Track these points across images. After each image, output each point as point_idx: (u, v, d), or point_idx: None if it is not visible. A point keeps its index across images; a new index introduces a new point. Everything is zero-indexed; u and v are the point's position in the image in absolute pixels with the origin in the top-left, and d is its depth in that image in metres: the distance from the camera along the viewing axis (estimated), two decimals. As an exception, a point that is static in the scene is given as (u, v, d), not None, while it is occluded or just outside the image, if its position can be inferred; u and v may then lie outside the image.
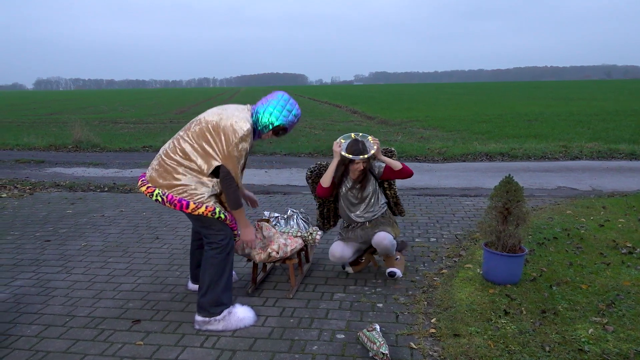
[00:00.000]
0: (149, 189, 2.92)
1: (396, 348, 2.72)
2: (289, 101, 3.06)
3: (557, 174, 8.02)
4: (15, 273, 3.93)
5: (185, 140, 2.93)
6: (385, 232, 3.56)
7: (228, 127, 2.86)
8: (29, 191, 7.08)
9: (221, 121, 2.88)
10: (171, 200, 2.88)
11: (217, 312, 2.95)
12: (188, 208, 2.85)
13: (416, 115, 19.82)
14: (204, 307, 2.95)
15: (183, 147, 2.91)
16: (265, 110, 3.00)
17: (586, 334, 2.79)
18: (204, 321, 2.95)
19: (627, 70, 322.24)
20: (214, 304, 2.95)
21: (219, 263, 2.96)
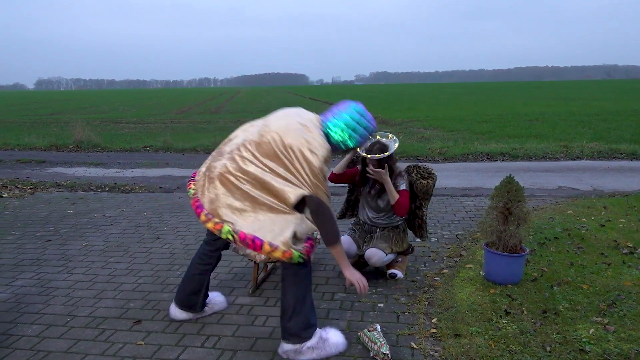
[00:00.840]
0: (217, 225, 2.47)
1: (397, 348, 2.72)
2: (364, 115, 2.69)
3: (557, 174, 8.01)
4: (16, 273, 3.93)
5: (250, 161, 2.51)
6: (376, 249, 3.50)
7: (305, 146, 2.46)
8: (29, 191, 7.09)
9: (294, 139, 2.47)
10: (243, 239, 2.44)
11: (309, 335, 2.60)
12: (262, 249, 2.44)
13: (417, 115, 19.82)
14: (293, 332, 2.59)
15: (248, 169, 2.48)
16: (336, 125, 2.63)
17: (587, 334, 2.79)
18: (295, 350, 2.59)
19: (628, 70, 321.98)
20: (304, 326, 2.60)
21: (302, 279, 2.61)
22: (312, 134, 2.53)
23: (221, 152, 2.67)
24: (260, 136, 2.54)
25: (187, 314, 3.04)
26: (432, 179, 3.58)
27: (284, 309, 2.63)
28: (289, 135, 2.50)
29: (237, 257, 4.20)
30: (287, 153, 2.47)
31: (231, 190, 2.50)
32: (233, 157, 2.56)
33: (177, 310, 3.04)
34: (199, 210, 2.53)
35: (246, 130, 2.70)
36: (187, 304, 3.01)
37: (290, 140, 2.48)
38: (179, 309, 3.03)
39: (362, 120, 2.68)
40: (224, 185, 2.51)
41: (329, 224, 2.49)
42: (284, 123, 2.56)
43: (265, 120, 2.66)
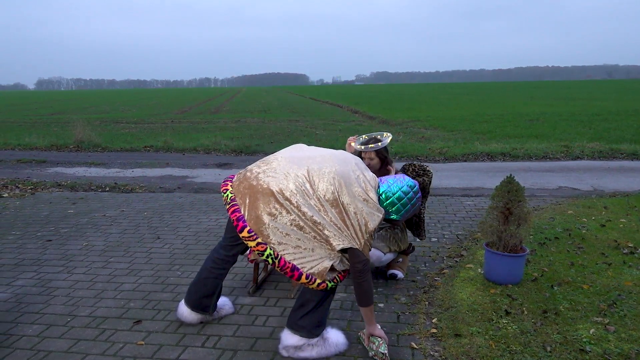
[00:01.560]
0: (260, 247, 2.44)
1: (397, 348, 2.72)
2: (417, 195, 2.74)
3: (558, 174, 8.01)
4: (17, 273, 3.93)
5: (309, 196, 2.49)
6: (373, 250, 3.49)
7: (365, 206, 2.49)
8: (30, 191, 7.09)
9: (356, 196, 2.50)
10: (283, 266, 2.45)
11: (317, 333, 2.64)
12: (299, 280, 2.46)
13: (417, 115, 19.82)
14: (305, 327, 2.61)
15: (304, 203, 2.46)
16: (391, 199, 2.65)
17: (587, 334, 2.79)
18: (296, 346, 2.62)
19: (629, 70, 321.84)
20: (317, 324, 2.63)
21: None
22: (371, 194, 2.56)
23: (274, 168, 2.58)
24: (322, 174, 2.52)
25: (198, 315, 2.96)
26: (428, 176, 3.58)
27: (303, 303, 2.62)
28: (352, 187, 2.51)
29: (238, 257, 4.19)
30: (346, 207, 2.47)
31: (280, 213, 2.46)
32: (293, 181, 2.50)
33: (188, 312, 2.95)
34: (240, 223, 2.48)
35: (307, 158, 2.62)
36: (200, 306, 2.94)
37: (352, 196, 2.49)
38: (191, 311, 2.94)
39: (411, 197, 2.71)
40: (271, 205, 2.47)
41: (368, 283, 2.51)
42: (346, 170, 2.55)
43: (324, 158, 2.62)
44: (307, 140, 12.54)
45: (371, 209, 2.52)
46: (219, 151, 11.22)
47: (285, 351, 2.64)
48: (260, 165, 2.66)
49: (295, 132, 14.91)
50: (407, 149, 10.46)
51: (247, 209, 2.50)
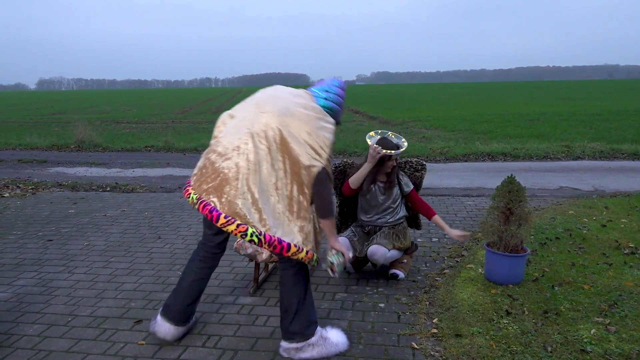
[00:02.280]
0: (241, 228, 2.36)
1: (398, 348, 2.72)
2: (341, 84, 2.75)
3: (559, 174, 8.01)
4: (18, 272, 3.93)
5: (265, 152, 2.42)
6: (378, 246, 3.47)
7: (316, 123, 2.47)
8: (31, 191, 7.10)
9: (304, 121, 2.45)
10: (270, 242, 2.39)
11: (311, 332, 2.61)
12: (289, 251, 2.42)
13: (418, 115, 19.82)
14: (297, 331, 2.59)
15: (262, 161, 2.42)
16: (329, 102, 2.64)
17: (588, 335, 2.79)
18: (297, 348, 2.60)
19: (630, 70, 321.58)
20: (307, 324, 2.61)
21: (302, 279, 2.63)
22: (313, 111, 2.52)
23: (222, 151, 2.49)
24: (266, 125, 2.43)
25: (183, 328, 2.80)
26: (425, 170, 3.84)
27: (286, 309, 2.61)
28: (294, 117, 2.45)
29: (238, 257, 4.20)
30: (297, 136, 2.42)
31: (248, 190, 2.39)
32: (244, 157, 2.41)
33: (173, 328, 2.74)
34: (215, 213, 2.38)
35: (243, 121, 2.52)
36: (184, 318, 2.77)
37: (299, 122, 2.44)
38: (175, 326, 2.74)
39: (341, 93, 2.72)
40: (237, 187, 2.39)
41: (330, 194, 2.50)
42: (284, 105, 2.49)
43: (259, 106, 2.52)
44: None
45: (321, 124, 2.49)
46: (219, 151, 11.22)
47: (286, 353, 2.63)
48: (210, 156, 2.55)
49: (296, 132, 14.90)
50: (408, 149, 10.43)
51: (216, 199, 2.41)
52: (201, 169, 2.56)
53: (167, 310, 2.75)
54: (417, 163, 3.84)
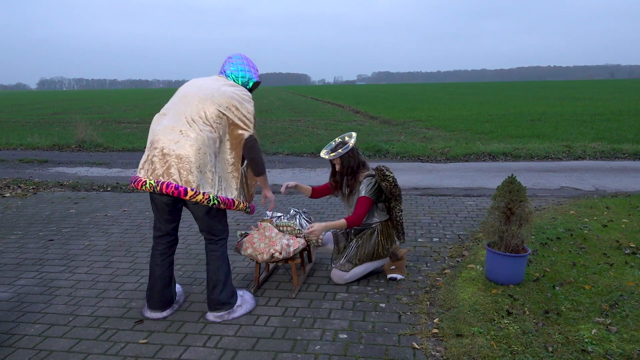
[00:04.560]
0: (206, 195, 2.80)
1: (399, 348, 2.72)
2: (247, 58, 3.17)
3: (560, 174, 8.00)
4: (19, 272, 3.94)
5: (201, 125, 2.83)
6: (334, 271, 3.57)
7: (237, 98, 2.90)
8: (32, 191, 7.11)
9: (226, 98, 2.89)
10: (225, 202, 2.90)
11: (235, 300, 3.09)
12: (234, 206, 2.95)
13: (419, 115, 19.80)
14: (224, 301, 3.03)
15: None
16: (237, 74, 3.08)
17: (589, 335, 2.79)
18: (228, 313, 3.05)
19: (631, 70, 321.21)
20: (232, 294, 3.08)
21: (225, 257, 3.07)
22: (235, 86, 3.00)
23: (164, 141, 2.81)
24: (199, 108, 2.84)
25: (168, 310, 3.15)
26: (388, 181, 3.44)
27: (215, 283, 3.02)
28: (225, 94, 2.89)
29: (239, 257, 4.20)
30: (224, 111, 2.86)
31: (195, 165, 2.76)
32: (181, 130, 2.80)
33: (157, 314, 3.11)
34: (181, 189, 2.73)
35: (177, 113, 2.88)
36: (164, 303, 3.12)
37: (227, 99, 2.88)
38: (160, 312, 3.12)
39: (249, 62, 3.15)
40: (191, 161, 2.76)
41: (259, 155, 2.98)
42: (211, 88, 2.91)
43: (187, 96, 2.91)
44: (309, 140, 12.55)
45: (243, 97, 2.94)
46: (220, 151, 11.22)
47: (219, 319, 3.04)
48: (153, 150, 2.84)
49: (297, 131, 14.91)
50: (409, 149, 10.45)
51: (177, 177, 2.75)
52: (147, 163, 2.86)
53: (151, 303, 3.11)
54: (380, 172, 3.48)
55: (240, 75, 3.08)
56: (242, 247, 3.41)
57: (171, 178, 2.75)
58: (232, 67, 3.09)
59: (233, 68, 3.09)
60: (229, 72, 3.08)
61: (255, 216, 5.60)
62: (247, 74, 3.10)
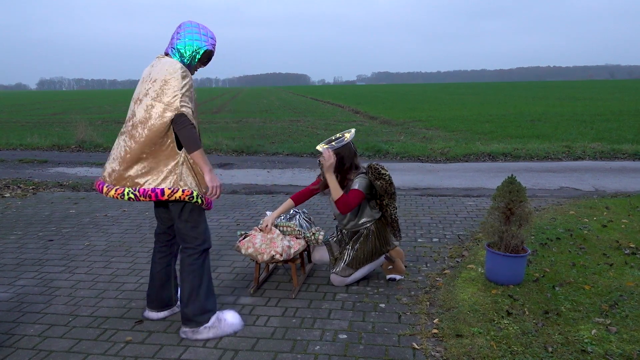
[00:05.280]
0: (119, 191, 2.66)
1: (398, 348, 2.72)
2: (199, 26, 2.82)
3: (560, 174, 8.00)
4: (19, 273, 3.94)
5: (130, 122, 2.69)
6: (334, 276, 3.54)
7: (165, 76, 2.62)
8: (32, 191, 7.10)
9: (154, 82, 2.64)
10: (144, 193, 2.64)
11: (204, 320, 2.82)
12: (164, 195, 2.63)
13: (419, 115, 19.81)
14: (189, 317, 2.81)
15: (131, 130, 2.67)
16: (185, 43, 2.74)
17: (589, 335, 2.79)
18: (192, 331, 2.82)
19: (631, 70, 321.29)
20: (199, 312, 2.81)
21: (197, 269, 2.81)
22: (163, 59, 2.72)
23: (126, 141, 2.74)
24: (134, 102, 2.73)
25: (163, 313, 3.09)
26: (384, 179, 3.37)
27: (181, 296, 2.82)
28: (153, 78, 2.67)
29: (239, 257, 4.20)
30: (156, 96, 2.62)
31: (123, 158, 2.67)
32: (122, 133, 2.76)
33: (154, 314, 3.09)
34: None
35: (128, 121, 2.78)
36: (161, 303, 3.07)
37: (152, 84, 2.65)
38: (158, 312, 3.08)
39: (201, 30, 2.80)
40: (118, 158, 2.70)
41: (189, 132, 2.60)
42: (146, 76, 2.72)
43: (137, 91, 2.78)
44: (309, 140, 12.55)
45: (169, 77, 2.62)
46: (220, 151, 11.23)
47: (184, 334, 2.84)
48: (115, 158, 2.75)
49: (297, 132, 14.91)
50: (409, 149, 10.46)
51: (107, 174, 2.72)
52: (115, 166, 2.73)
53: (147, 298, 3.10)
54: (375, 170, 3.39)
55: (188, 45, 2.74)
56: (244, 246, 3.40)
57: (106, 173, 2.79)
58: (182, 39, 2.75)
59: (182, 39, 2.75)
60: (178, 45, 2.75)
61: (256, 216, 5.59)
62: (194, 43, 2.75)
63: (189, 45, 2.74)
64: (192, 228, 2.79)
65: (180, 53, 2.74)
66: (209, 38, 2.80)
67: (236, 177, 8.19)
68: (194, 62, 2.79)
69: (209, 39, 2.80)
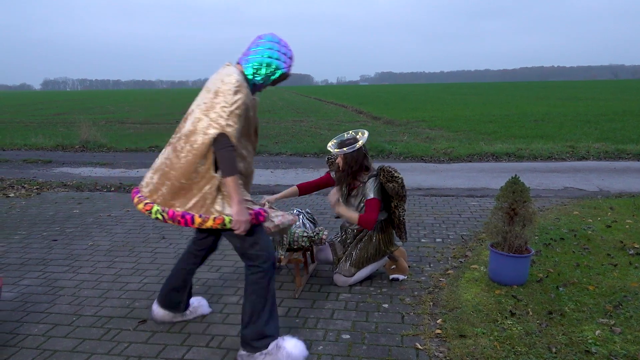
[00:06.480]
0: (147, 206, 2.53)
1: (401, 349, 2.72)
2: (281, 42, 2.57)
3: (563, 174, 7.98)
4: (23, 272, 3.95)
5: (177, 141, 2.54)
6: (337, 275, 3.55)
7: (218, 88, 2.41)
8: (36, 191, 7.13)
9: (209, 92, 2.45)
10: (173, 217, 2.46)
11: (262, 345, 2.55)
12: (193, 223, 2.43)
13: (422, 115, 19.78)
14: (247, 342, 2.56)
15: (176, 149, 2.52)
16: (263, 60, 2.50)
17: (593, 336, 2.78)
18: (248, 356, 2.57)
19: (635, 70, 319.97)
20: (257, 337, 2.55)
21: (260, 290, 2.56)
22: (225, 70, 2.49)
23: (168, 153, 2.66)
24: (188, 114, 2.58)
25: (166, 312, 2.97)
26: (397, 182, 3.38)
27: (242, 316, 2.59)
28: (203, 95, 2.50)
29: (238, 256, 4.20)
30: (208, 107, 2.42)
31: (162, 170, 2.58)
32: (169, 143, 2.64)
33: (158, 308, 2.97)
34: (133, 194, 2.64)
35: None
36: (167, 302, 2.94)
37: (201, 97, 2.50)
38: (160, 307, 2.97)
39: (280, 48, 2.55)
40: (157, 169, 2.62)
41: (227, 152, 2.37)
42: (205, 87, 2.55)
43: None
44: (312, 140, 12.55)
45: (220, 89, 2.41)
46: (223, 151, 11.23)
47: (240, 358, 2.61)
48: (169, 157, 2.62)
49: (300, 132, 14.92)
50: (412, 149, 10.44)
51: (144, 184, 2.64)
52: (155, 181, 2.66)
53: (159, 291, 3.01)
54: (388, 173, 3.39)
55: (265, 62, 2.50)
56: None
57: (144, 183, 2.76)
58: (260, 53, 2.51)
59: (260, 54, 2.51)
60: (253, 61, 2.51)
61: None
62: (273, 62, 2.51)
63: (265, 63, 2.50)
64: (251, 245, 2.54)
65: (254, 69, 2.51)
66: (288, 58, 2.58)
67: (239, 177, 8.19)
68: (267, 82, 2.57)
69: (288, 59, 2.58)
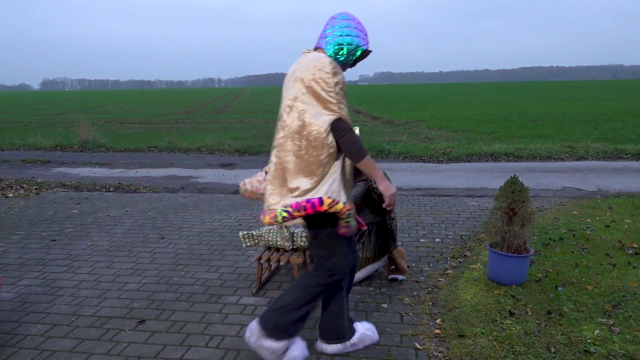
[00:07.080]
0: (271, 214, 2.32)
1: (401, 349, 2.72)
2: (355, 20, 2.48)
3: (562, 174, 7.98)
4: (22, 272, 3.95)
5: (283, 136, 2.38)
6: None
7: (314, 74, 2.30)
8: (35, 191, 7.12)
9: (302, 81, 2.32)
10: (297, 207, 2.27)
11: (276, 337, 2.45)
12: (322, 205, 2.25)
13: (421, 115, 19.79)
14: (269, 324, 2.45)
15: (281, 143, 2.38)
16: (344, 38, 2.41)
17: (592, 335, 2.78)
18: (259, 336, 2.46)
19: (635, 70, 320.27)
20: (280, 328, 2.45)
21: (310, 293, 2.46)
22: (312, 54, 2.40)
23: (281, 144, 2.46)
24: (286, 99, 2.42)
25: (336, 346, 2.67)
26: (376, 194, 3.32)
27: (280, 299, 2.48)
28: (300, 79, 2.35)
29: (241, 257, 4.21)
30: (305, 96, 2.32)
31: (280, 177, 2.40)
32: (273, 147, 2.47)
33: (326, 346, 2.69)
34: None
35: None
36: (333, 335, 2.66)
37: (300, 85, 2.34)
38: (327, 344, 2.68)
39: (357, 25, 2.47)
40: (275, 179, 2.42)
41: (350, 136, 2.31)
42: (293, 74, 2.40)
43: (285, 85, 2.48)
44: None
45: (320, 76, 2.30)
46: (222, 151, 11.24)
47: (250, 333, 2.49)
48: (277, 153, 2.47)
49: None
50: (411, 149, 10.45)
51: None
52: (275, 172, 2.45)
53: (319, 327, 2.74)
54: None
55: (347, 41, 2.41)
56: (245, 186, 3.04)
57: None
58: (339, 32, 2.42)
59: (340, 33, 2.41)
60: (337, 39, 2.41)
61: (258, 217, 5.60)
62: (354, 40, 2.42)
63: (346, 42, 2.41)
64: (328, 257, 2.45)
65: (335, 50, 2.41)
66: (365, 35, 2.48)
67: (239, 177, 8.19)
68: (350, 60, 2.47)
69: (365, 35, 2.47)
